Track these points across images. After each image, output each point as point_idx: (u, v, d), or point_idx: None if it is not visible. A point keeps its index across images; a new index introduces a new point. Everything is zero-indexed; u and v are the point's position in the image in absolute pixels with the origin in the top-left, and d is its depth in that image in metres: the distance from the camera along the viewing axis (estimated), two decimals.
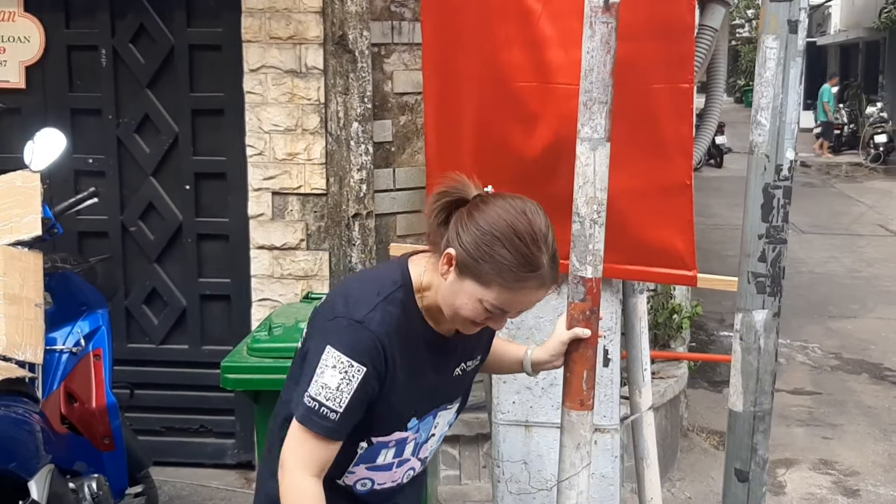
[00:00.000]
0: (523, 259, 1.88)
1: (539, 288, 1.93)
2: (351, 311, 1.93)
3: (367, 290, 1.98)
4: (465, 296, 1.92)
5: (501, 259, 1.88)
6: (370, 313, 1.92)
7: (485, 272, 1.89)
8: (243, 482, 4.72)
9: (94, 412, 3.65)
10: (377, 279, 2.03)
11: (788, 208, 2.09)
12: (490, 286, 1.89)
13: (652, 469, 3.13)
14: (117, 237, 4.79)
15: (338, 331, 1.92)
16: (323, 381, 1.89)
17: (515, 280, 1.89)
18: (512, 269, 1.88)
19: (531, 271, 1.89)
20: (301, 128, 4.45)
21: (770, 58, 2.03)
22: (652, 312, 5.24)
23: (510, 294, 1.90)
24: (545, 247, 1.90)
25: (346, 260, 4.45)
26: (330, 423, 1.90)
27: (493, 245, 1.88)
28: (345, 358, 1.89)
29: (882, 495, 4.88)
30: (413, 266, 2.05)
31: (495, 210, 1.92)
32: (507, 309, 1.94)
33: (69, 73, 4.73)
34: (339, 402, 1.89)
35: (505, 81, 2.79)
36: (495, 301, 1.91)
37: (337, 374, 1.89)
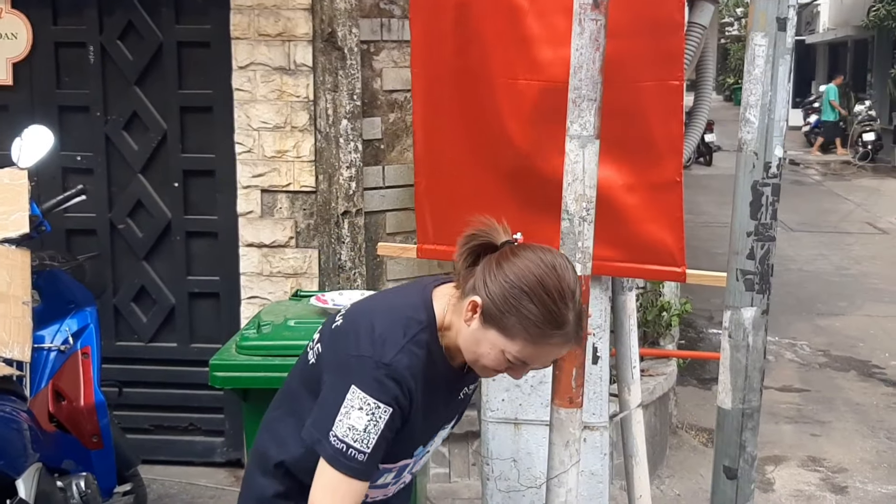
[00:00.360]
0: (550, 315, 1.87)
1: (563, 345, 1.93)
2: (377, 352, 1.91)
3: (393, 328, 1.95)
4: (487, 345, 1.92)
5: (528, 314, 1.87)
6: (397, 356, 1.91)
7: (510, 325, 1.88)
8: (233, 480, 4.71)
9: (83, 410, 3.64)
10: (402, 316, 1.98)
11: (777, 206, 2.09)
12: (514, 339, 1.89)
13: (641, 466, 3.13)
14: (106, 235, 4.77)
15: (364, 371, 1.90)
16: (350, 422, 1.88)
17: (541, 336, 1.88)
18: (538, 324, 1.87)
19: (557, 328, 1.88)
20: (290, 125, 4.44)
21: (759, 55, 2.03)
22: (641, 310, 5.24)
23: (534, 348, 1.90)
24: (573, 304, 1.90)
25: (336, 258, 4.45)
26: (358, 465, 1.90)
27: (521, 299, 1.87)
28: (372, 400, 1.88)
29: (870, 492, 4.89)
30: (437, 301, 2.02)
31: (525, 262, 1.90)
32: (529, 362, 1.94)
33: (57, 70, 4.70)
34: (366, 444, 1.89)
35: (494, 79, 2.79)
36: (518, 354, 1.90)
37: (364, 415, 1.88)
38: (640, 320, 5.23)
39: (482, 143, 2.87)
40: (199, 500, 4.54)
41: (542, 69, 2.69)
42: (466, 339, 1.95)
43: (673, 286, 5.57)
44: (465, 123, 2.90)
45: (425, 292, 2.04)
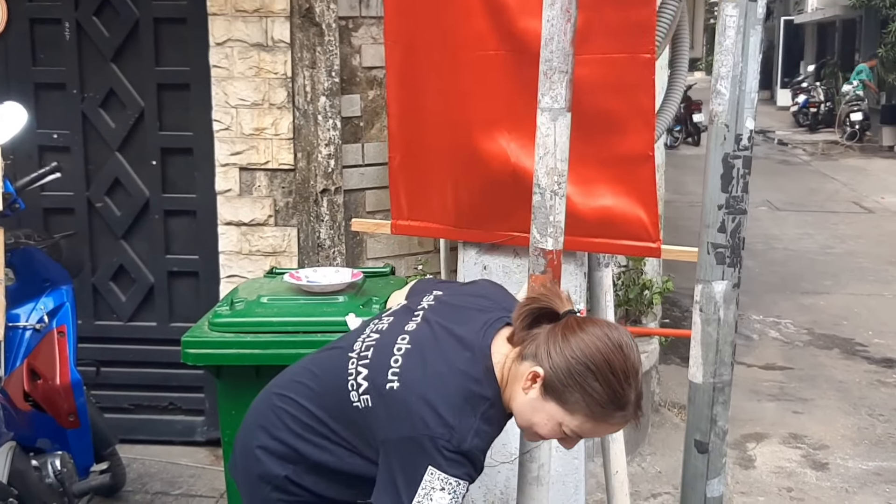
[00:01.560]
0: (614, 396, 1.88)
1: (622, 425, 1.95)
2: (454, 437, 1.88)
3: (463, 409, 1.91)
4: (545, 416, 1.92)
5: (593, 392, 1.87)
6: (473, 440, 1.89)
7: (573, 400, 1.89)
8: (213, 459, 4.70)
9: (59, 389, 3.62)
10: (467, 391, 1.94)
11: (748, 178, 2.07)
12: (575, 414, 1.90)
13: (617, 443, 3.13)
14: (83, 213, 4.73)
15: (440, 455, 1.87)
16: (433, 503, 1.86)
17: (602, 415, 1.89)
18: (602, 404, 1.88)
19: (619, 409, 1.90)
20: (268, 102, 4.40)
21: (730, 26, 2.00)
22: (623, 288, 5.24)
23: (593, 424, 1.91)
24: (635, 384, 1.91)
25: (315, 236, 4.42)
26: None
27: (586, 376, 1.87)
28: (453, 480, 1.87)
29: (851, 468, 4.91)
30: (496, 357, 1.99)
31: (591, 339, 1.91)
32: (586, 437, 1.95)
33: (32, 47, 4.64)
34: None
35: (466, 51, 2.76)
36: (577, 429, 1.92)
37: (446, 495, 1.86)
38: (622, 298, 5.22)
39: (456, 118, 2.84)
40: (179, 480, 4.53)
41: (515, 41, 2.66)
42: (522, 406, 1.95)
43: (655, 264, 5.57)
44: (439, 97, 2.87)
45: (483, 352, 2.00)
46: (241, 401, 2.99)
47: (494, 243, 2.92)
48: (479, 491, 3.05)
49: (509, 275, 2.94)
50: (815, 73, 27.04)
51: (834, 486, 4.71)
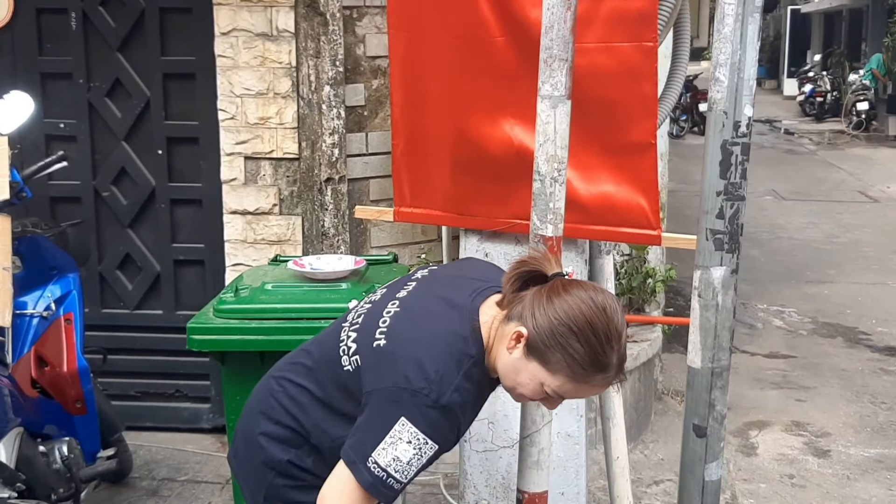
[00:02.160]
0: (595, 357, 1.90)
1: (603, 386, 1.97)
2: (432, 390, 1.90)
3: (447, 364, 1.93)
4: (527, 376, 1.95)
5: (574, 353, 1.89)
6: (452, 395, 1.91)
7: (554, 360, 1.91)
8: (219, 446, 4.74)
9: (66, 376, 3.66)
10: (453, 347, 1.96)
11: (747, 165, 2.09)
12: (556, 374, 1.92)
13: (618, 429, 3.15)
14: (90, 202, 4.76)
15: (417, 407, 1.89)
16: (395, 453, 1.89)
17: (583, 375, 1.92)
18: (583, 365, 1.90)
19: (600, 371, 1.92)
20: (273, 92, 4.42)
21: (728, 13, 2.02)
22: (626, 276, 5.25)
23: (574, 385, 1.93)
24: (618, 347, 1.93)
25: (319, 225, 4.45)
26: (392, 493, 1.93)
27: (568, 337, 1.89)
28: (422, 436, 1.89)
29: (852, 455, 4.93)
30: (484, 319, 2.02)
31: (576, 300, 1.92)
32: (568, 398, 1.98)
33: (38, 37, 4.67)
34: (406, 475, 1.91)
35: (471, 38, 2.77)
36: (558, 389, 1.94)
37: (411, 449, 1.89)
38: (625, 287, 5.24)
39: (459, 105, 2.86)
40: (185, 466, 4.57)
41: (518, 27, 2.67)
42: (506, 366, 1.97)
43: (658, 253, 5.58)
44: (442, 85, 2.90)
45: (470, 314, 2.02)
46: (245, 387, 3.01)
47: (496, 231, 2.94)
48: (482, 476, 3.08)
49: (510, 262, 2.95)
50: (822, 62, 26.96)
51: (835, 472, 4.73)
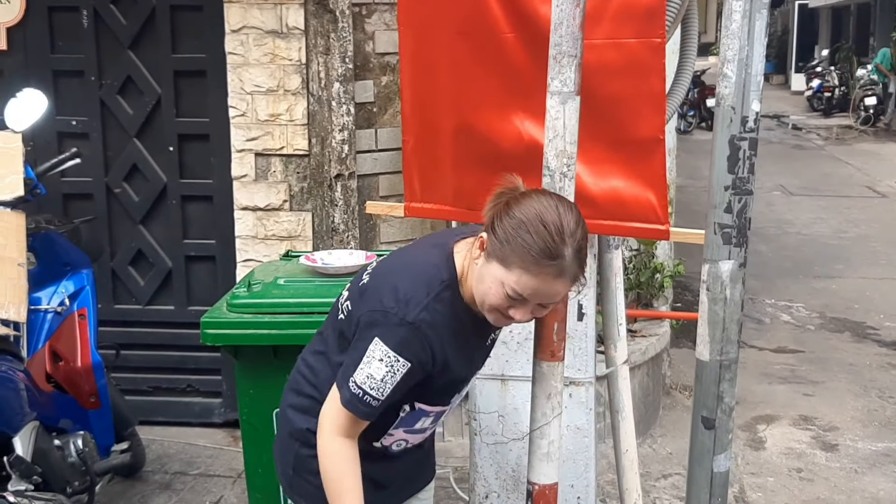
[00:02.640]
0: (545, 245, 1.94)
1: (557, 278, 1.97)
2: (402, 309, 2.01)
3: (417, 286, 2.05)
4: (489, 279, 1.99)
5: (523, 243, 1.94)
6: (420, 314, 2.02)
7: (507, 254, 1.96)
8: (230, 440, 4.78)
9: (80, 371, 3.71)
10: (426, 275, 2.08)
11: (755, 160, 2.11)
12: (511, 269, 1.96)
13: (627, 422, 3.18)
14: (102, 199, 4.81)
15: (387, 326, 2.01)
16: (369, 371, 2.01)
17: (534, 264, 1.94)
18: (532, 253, 1.94)
19: (551, 259, 1.95)
20: (283, 88, 4.45)
21: (736, 10, 2.04)
22: (634, 271, 5.28)
23: (529, 279, 1.96)
24: (570, 240, 1.96)
25: (329, 220, 4.48)
26: (369, 409, 2.05)
27: (519, 230, 1.95)
28: (392, 354, 2.00)
29: (860, 449, 4.95)
30: (457, 255, 2.12)
31: (530, 201, 2.01)
32: (526, 295, 1.99)
33: (51, 35, 4.71)
34: (381, 392, 2.02)
35: (480, 34, 2.80)
36: (515, 285, 1.97)
37: (383, 366, 2.01)
38: (634, 282, 5.27)
39: (469, 101, 2.88)
40: (197, 460, 4.61)
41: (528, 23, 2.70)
42: (475, 279, 2.05)
43: (667, 248, 5.61)
44: (452, 81, 2.91)
45: (446, 249, 2.14)
46: (258, 381, 3.07)
47: None
48: (491, 468, 3.11)
49: None
50: (830, 57, 26.89)
51: (843, 466, 4.75)
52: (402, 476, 2.38)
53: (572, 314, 2.87)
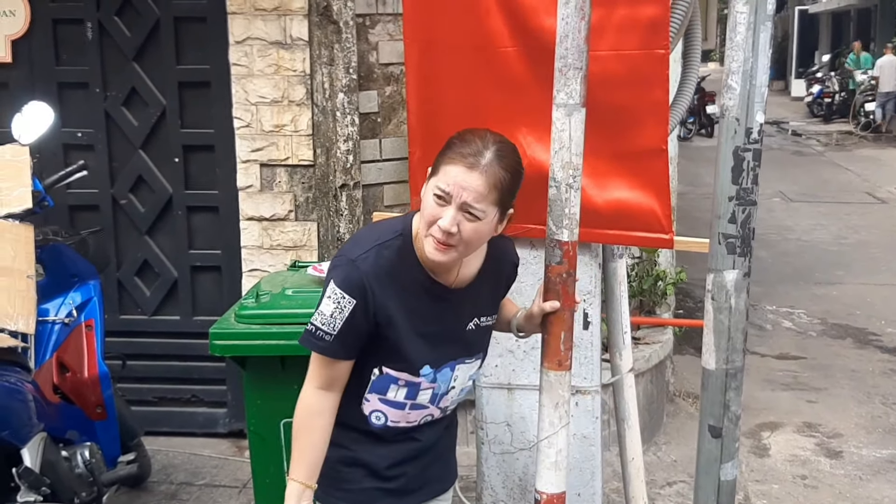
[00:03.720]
0: (461, 141, 2.10)
1: (473, 168, 2.06)
2: (349, 251, 2.17)
3: (370, 235, 2.22)
4: (425, 196, 2.11)
5: (449, 145, 2.12)
6: (364, 254, 2.15)
7: (437, 163, 2.11)
8: (235, 451, 4.79)
9: (87, 382, 3.71)
10: (382, 227, 2.25)
11: (758, 170, 2.13)
12: (437, 171, 2.10)
13: (633, 430, 3.20)
14: (108, 210, 4.83)
15: (337, 266, 2.16)
16: (321, 308, 2.16)
17: (452, 153, 2.09)
18: (452, 146, 2.10)
19: (466, 146, 2.09)
20: (287, 99, 4.48)
21: (740, 22, 2.07)
22: (637, 279, 5.30)
23: (448, 169, 2.08)
24: (490, 143, 2.10)
25: (334, 230, 4.50)
26: (324, 343, 2.15)
27: (450, 141, 2.13)
28: (339, 290, 2.13)
29: (864, 456, 4.97)
30: (416, 218, 2.21)
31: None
32: (447, 188, 2.06)
33: (55, 47, 4.74)
34: (331, 327, 2.14)
35: (485, 47, 2.82)
36: (438, 182, 2.08)
37: (331, 303, 2.14)
38: (636, 289, 5.28)
39: (474, 113, 2.91)
40: (202, 470, 4.63)
41: (532, 37, 2.72)
42: (421, 210, 2.13)
43: (669, 256, 5.63)
44: (457, 93, 2.94)
45: (409, 214, 2.28)
46: (266, 392, 3.09)
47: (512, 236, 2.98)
48: (499, 477, 3.13)
49: (526, 266, 2.99)
50: (830, 63, 26.95)
51: (848, 473, 4.77)
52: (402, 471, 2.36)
53: (577, 323, 2.89)
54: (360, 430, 2.30)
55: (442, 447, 2.49)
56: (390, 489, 2.36)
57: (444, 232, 2.07)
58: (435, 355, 2.26)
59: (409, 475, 2.38)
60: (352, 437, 2.29)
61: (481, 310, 2.33)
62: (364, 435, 2.30)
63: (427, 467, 2.43)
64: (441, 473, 2.52)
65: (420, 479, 2.42)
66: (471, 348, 2.35)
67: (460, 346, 2.31)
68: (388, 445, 2.33)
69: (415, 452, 2.38)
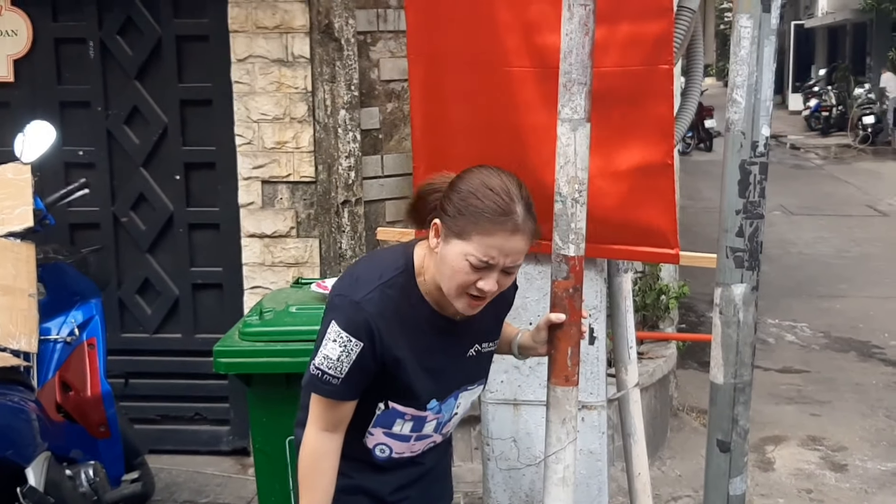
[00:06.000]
0: (495, 206, 2.00)
1: (514, 233, 2.01)
2: (353, 291, 2.08)
3: (372, 273, 2.12)
4: (451, 257, 2.02)
5: (475, 209, 2.00)
6: (368, 295, 2.07)
7: (463, 226, 2.00)
8: (238, 468, 4.77)
9: (89, 400, 3.70)
10: (383, 263, 2.16)
11: (765, 184, 2.13)
12: (470, 238, 1.99)
13: (639, 445, 3.18)
14: (109, 228, 4.82)
15: (339, 308, 2.08)
16: (325, 352, 2.07)
17: (490, 224, 1.99)
18: (486, 214, 1.99)
19: (504, 215, 1.99)
20: (289, 116, 4.48)
21: (744, 36, 2.07)
22: (640, 294, 5.29)
23: (488, 240, 1.99)
24: (517, 198, 2.02)
25: (336, 247, 4.50)
26: (331, 388, 2.08)
27: (469, 199, 2.01)
28: (344, 334, 2.05)
29: (869, 469, 4.95)
30: (417, 251, 2.16)
31: (471, 174, 2.09)
32: (489, 259, 2.00)
33: (57, 66, 4.75)
34: (339, 371, 2.06)
35: (489, 65, 2.82)
36: (476, 252, 2.00)
37: (337, 347, 2.06)
38: (640, 304, 5.28)
39: (479, 129, 2.91)
40: (206, 489, 4.61)
41: (537, 56, 2.72)
42: (438, 267, 2.07)
43: (671, 270, 5.62)
44: (461, 109, 2.94)
45: (409, 245, 2.21)
46: (271, 409, 3.07)
47: None
48: (505, 494, 3.11)
49: (531, 281, 3.00)
50: (827, 76, 27.03)
51: (853, 487, 4.75)
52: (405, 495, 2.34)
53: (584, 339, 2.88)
54: (363, 461, 2.26)
55: (441, 467, 2.47)
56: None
57: (485, 292, 2.05)
58: (441, 388, 2.23)
59: (412, 498, 2.36)
60: (354, 467, 2.23)
61: (484, 336, 2.30)
62: (367, 465, 2.27)
63: (428, 488, 2.41)
64: (441, 492, 2.50)
65: (422, 500, 2.40)
66: (473, 376, 2.32)
67: (463, 374, 2.29)
68: (391, 473, 2.30)
69: (417, 476, 2.35)
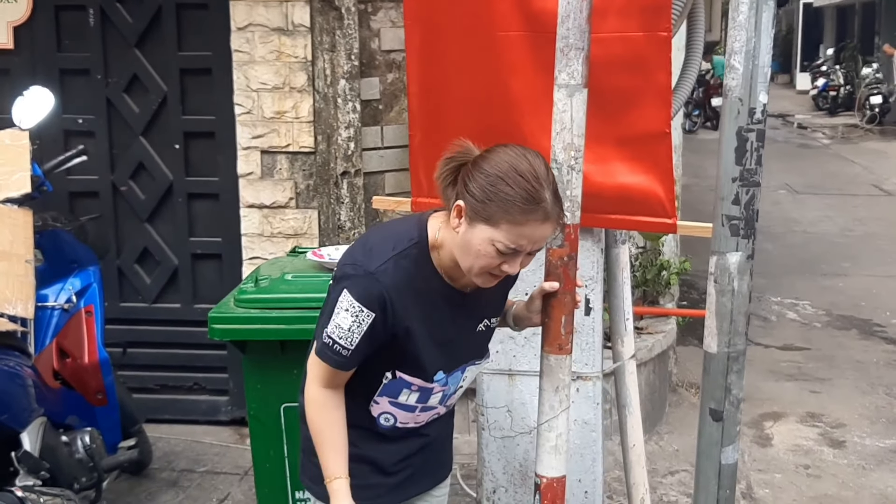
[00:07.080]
0: (526, 193, 1.97)
1: (544, 221, 2.01)
2: (367, 261, 2.07)
3: (385, 243, 2.11)
4: (477, 242, 2.01)
5: (506, 196, 1.97)
6: (382, 265, 2.06)
7: (492, 212, 1.98)
8: (237, 438, 4.78)
9: (87, 367, 3.71)
10: (396, 234, 2.14)
11: (762, 151, 2.11)
12: (499, 225, 1.98)
13: (634, 416, 3.18)
14: (108, 197, 4.81)
15: (354, 278, 2.07)
16: (338, 321, 2.07)
17: (521, 213, 1.97)
18: (517, 202, 1.97)
19: (535, 203, 1.98)
20: (288, 86, 4.46)
21: (743, 1, 2.04)
22: (640, 269, 5.27)
23: (518, 229, 1.98)
24: (546, 183, 2.01)
25: (335, 218, 4.49)
26: (340, 358, 2.10)
27: (498, 184, 1.98)
28: (357, 304, 2.05)
29: (868, 446, 4.94)
30: (431, 223, 2.15)
31: (498, 155, 2.04)
32: (517, 246, 2.00)
33: (57, 33, 4.73)
34: (349, 342, 2.08)
35: (488, 31, 2.79)
36: (505, 239, 1.99)
37: (349, 316, 2.06)
38: (640, 279, 5.26)
39: (477, 97, 2.88)
40: (204, 458, 4.62)
41: (534, 20, 2.70)
42: (459, 247, 2.06)
43: (673, 245, 5.60)
44: (459, 76, 2.91)
45: (422, 217, 2.19)
46: (266, 376, 3.07)
47: None
48: (499, 463, 3.11)
49: None
50: (835, 56, 26.86)
51: (851, 463, 4.75)
52: (407, 464, 2.36)
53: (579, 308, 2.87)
54: (368, 429, 2.27)
55: (443, 437, 2.49)
56: (396, 483, 2.35)
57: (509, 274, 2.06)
58: (448, 361, 2.25)
59: (415, 467, 2.38)
60: (359, 435, 2.24)
61: (492, 311, 2.31)
62: (371, 433, 2.28)
63: (430, 458, 2.43)
64: (442, 460, 2.53)
65: (424, 470, 2.42)
66: (480, 350, 2.35)
67: (472, 349, 2.31)
68: (394, 443, 2.32)
69: (420, 447, 2.37)
